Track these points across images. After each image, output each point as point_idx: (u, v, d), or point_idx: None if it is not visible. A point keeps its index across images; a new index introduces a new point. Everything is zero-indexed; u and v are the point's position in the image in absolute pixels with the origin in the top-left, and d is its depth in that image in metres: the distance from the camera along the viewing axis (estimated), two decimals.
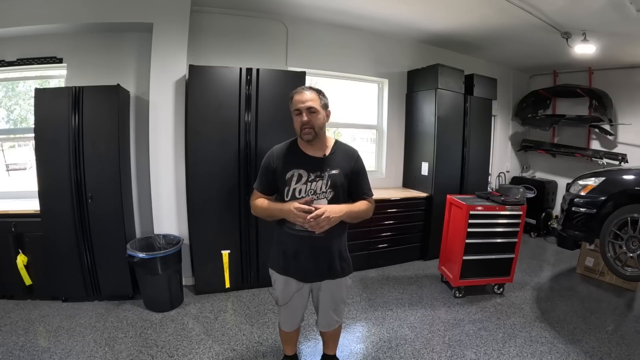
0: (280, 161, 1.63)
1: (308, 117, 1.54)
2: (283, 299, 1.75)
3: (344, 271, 1.72)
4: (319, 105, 1.58)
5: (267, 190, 1.69)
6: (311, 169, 1.59)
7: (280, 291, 1.76)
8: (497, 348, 2.38)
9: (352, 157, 1.68)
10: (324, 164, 1.60)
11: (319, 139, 1.61)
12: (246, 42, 3.47)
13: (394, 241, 3.87)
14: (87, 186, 2.70)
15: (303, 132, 1.57)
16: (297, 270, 1.66)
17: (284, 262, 1.68)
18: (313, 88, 1.61)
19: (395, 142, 4.43)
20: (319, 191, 1.57)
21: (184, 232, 3.13)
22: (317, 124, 1.56)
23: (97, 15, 2.85)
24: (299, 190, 1.58)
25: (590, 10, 3.07)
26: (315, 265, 1.64)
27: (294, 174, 1.59)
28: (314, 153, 1.63)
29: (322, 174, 1.58)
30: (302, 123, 1.55)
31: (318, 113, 1.57)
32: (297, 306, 1.78)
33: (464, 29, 3.87)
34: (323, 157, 1.62)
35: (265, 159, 1.69)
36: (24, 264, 2.73)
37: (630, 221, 2.32)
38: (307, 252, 1.62)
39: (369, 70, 4.19)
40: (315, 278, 1.69)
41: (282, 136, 3.01)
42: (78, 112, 2.64)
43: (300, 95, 1.58)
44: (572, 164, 5.10)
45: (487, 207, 3.00)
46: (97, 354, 2.20)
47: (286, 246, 1.66)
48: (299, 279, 1.69)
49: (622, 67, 4.61)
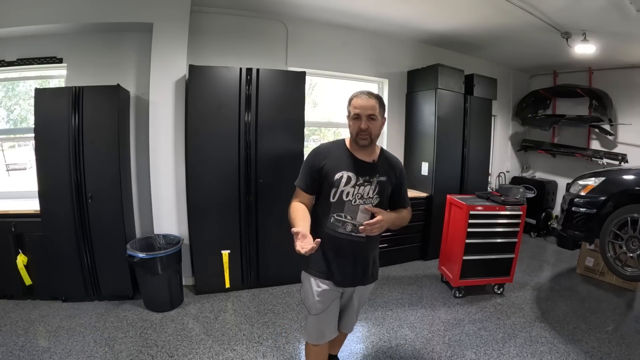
0: (329, 160, 1.57)
1: (367, 124, 1.52)
2: (321, 305, 1.61)
3: (373, 276, 1.72)
4: (379, 113, 1.55)
5: (310, 189, 1.61)
6: (360, 173, 1.55)
7: (316, 297, 1.61)
8: (497, 348, 2.38)
9: (397, 166, 1.68)
10: (374, 170, 1.58)
11: (372, 145, 1.59)
12: (246, 42, 3.47)
13: (394, 241, 3.87)
14: (87, 186, 2.70)
15: (359, 136, 1.53)
16: (336, 273, 1.60)
17: (323, 265, 1.59)
18: (374, 94, 1.57)
19: (396, 142, 4.43)
20: (366, 196, 1.55)
21: (184, 232, 3.13)
22: (374, 132, 1.55)
23: (97, 15, 2.85)
24: (346, 192, 1.54)
25: (590, 10, 3.07)
26: (353, 269, 1.61)
27: (343, 176, 1.54)
28: (364, 157, 1.60)
29: (371, 179, 1.56)
30: (361, 129, 1.52)
31: (377, 121, 1.55)
32: (333, 313, 1.67)
33: (464, 29, 3.87)
34: (373, 163, 1.60)
35: (312, 156, 1.62)
36: (24, 264, 2.73)
37: (630, 221, 2.32)
38: (347, 256, 1.59)
39: (369, 70, 4.19)
40: (351, 283, 1.65)
41: (282, 136, 3.06)
42: (78, 112, 2.64)
43: (362, 100, 1.53)
44: (572, 164, 5.10)
45: (487, 207, 3.00)
46: (97, 354, 2.20)
47: (326, 248, 1.57)
48: (337, 284, 1.61)
49: (622, 67, 4.61)
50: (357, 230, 1.54)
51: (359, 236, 1.56)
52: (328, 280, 1.60)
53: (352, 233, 1.56)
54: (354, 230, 1.56)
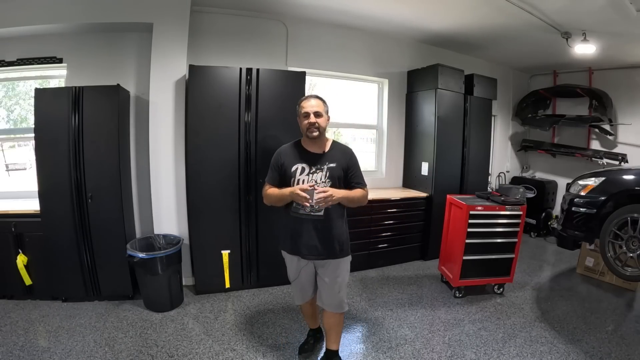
0: (287, 157, 1.95)
1: (315, 119, 1.89)
2: (293, 275, 2.07)
3: (342, 252, 1.97)
4: (323, 110, 1.94)
5: (276, 182, 1.98)
6: (312, 163, 1.91)
7: (290, 268, 2.08)
8: (497, 348, 2.38)
9: (346, 153, 1.99)
10: (323, 159, 1.92)
11: (321, 138, 1.94)
12: (246, 42, 3.47)
13: (394, 241, 3.87)
14: (87, 186, 2.70)
15: (309, 130, 1.89)
16: (301, 248, 1.92)
17: (291, 243, 1.96)
18: (318, 96, 1.97)
19: (395, 142, 4.43)
20: (319, 181, 1.88)
21: (184, 232, 3.13)
22: (321, 125, 1.91)
23: (97, 16, 2.85)
24: (302, 180, 1.89)
25: (590, 10, 3.07)
26: (315, 244, 1.90)
27: (298, 167, 1.91)
28: (315, 150, 1.95)
29: (322, 166, 1.90)
30: (310, 123, 1.89)
31: (322, 116, 1.93)
32: (304, 281, 2.06)
33: (464, 29, 3.87)
34: (322, 153, 1.95)
35: (275, 156, 2.01)
36: (24, 264, 2.73)
37: (630, 221, 2.32)
38: (309, 233, 1.90)
39: (369, 70, 4.19)
40: (316, 256, 1.93)
41: (282, 136, 3.05)
42: (78, 112, 2.64)
43: (309, 101, 1.94)
44: (572, 164, 5.10)
45: (487, 207, 3.00)
46: (97, 354, 2.20)
47: (292, 228, 1.94)
48: (303, 257, 1.95)
49: (622, 67, 4.61)
50: (314, 210, 1.86)
51: (317, 215, 1.88)
52: (296, 255, 1.98)
53: (311, 213, 1.87)
54: (312, 210, 1.86)
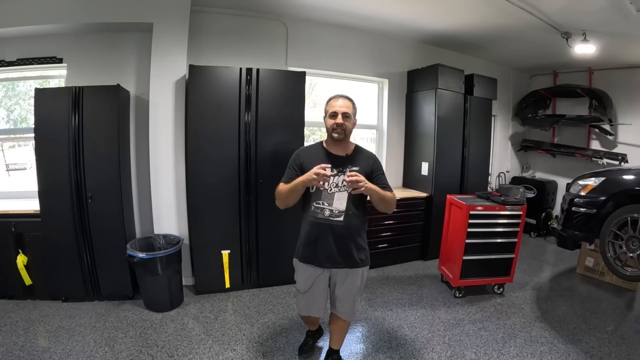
0: (307, 158, 1.84)
1: (342, 120, 1.78)
2: (304, 286, 1.91)
3: (362, 262, 1.87)
4: (352, 112, 1.84)
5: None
6: (335, 165, 1.78)
7: (301, 279, 1.92)
8: (497, 348, 2.38)
9: (370, 158, 1.90)
10: (346, 162, 1.82)
11: (345, 140, 1.85)
12: (246, 42, 3.47)
13: (394, 241, 3.87)
14: (87, 186, 2.70)
15: (335, 131, 1.80)
16: (317, 256, 1.82)
17: (306, 250, 1.86)
18: (348, 97, 1.86)
19: (395, 142, 4.43)
20: (341, 184, 1.77)
21: (184, 232, 3.13)
22: (348, 128, 1.81)
23: (97, 15, 2.85)
24: None
25: (590, 10, 3.07)
26: (334, 252, 1.80)
27: None
28: (338, 152, 1.86)
29: (345, 169, 1.78)
30: (337, 124, 1.78)
31: (350, 118, 1.83)
32: (316, 292, 1.91)
33: (464, 29, 3.87)
34: (345, 156, 1.85)
35: (294, 156, 1.90)
36: (24, 264, 2.73)
37: (630, 221, 2.32)
38: (327, 239, 1.78)
39: (369, 70, 4.19)
40: (333, 264, 1.82)
41: (282, 136, 3.06)
42: (78, 112, 2.64)
43: (337, 100, 1.83)
44: (572, 164, 5.10)
45: (487, 207, 3.00)
46: (97, 354, 2.20)
47: (308, 233, 1.83)
48: (318, 265, 1.84)
49: (622, 67, 4.61)
50: (334, 215, 1.76)
51: (337, 220, 1.77)
52: (311, 265, 1.86)
53: (330, 217, 1.77)
54: (331, 215, 1.76)
